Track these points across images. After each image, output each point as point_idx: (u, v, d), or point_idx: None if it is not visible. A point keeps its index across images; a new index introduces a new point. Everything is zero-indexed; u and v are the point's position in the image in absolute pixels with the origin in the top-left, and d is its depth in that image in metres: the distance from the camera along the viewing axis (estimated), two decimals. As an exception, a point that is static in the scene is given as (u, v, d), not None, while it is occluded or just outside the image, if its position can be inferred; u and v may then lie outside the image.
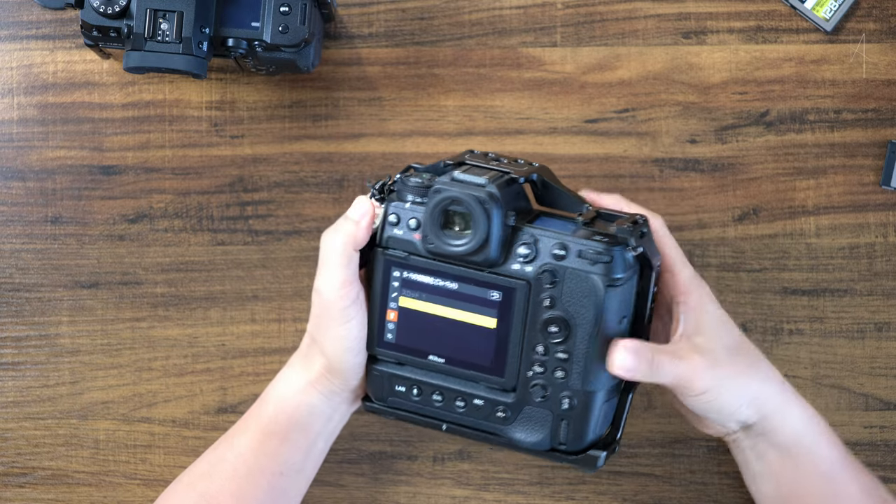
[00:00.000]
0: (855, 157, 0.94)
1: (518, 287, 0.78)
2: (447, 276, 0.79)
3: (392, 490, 0.94)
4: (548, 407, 0.79)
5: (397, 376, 0.82)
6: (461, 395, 0.81)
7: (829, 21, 0.93)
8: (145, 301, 0.95)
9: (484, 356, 0.80)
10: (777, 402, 0.82)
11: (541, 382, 0.79)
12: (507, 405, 0.80)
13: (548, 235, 0.77)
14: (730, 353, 0.81)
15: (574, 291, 0.77)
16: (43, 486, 0.95)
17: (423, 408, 0.82)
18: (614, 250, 0.76)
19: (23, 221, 0.95)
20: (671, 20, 0.94)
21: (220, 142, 0.95)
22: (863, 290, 0.94)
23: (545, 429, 0.80)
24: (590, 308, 0.77)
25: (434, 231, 0.78)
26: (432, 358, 0.81)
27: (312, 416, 0.85)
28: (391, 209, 0.80)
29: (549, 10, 0.95)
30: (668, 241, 0.82)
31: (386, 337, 0.82)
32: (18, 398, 0.95)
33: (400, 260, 0.80)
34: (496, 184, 0.77)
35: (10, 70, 0.95)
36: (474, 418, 0.81)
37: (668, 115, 0.94)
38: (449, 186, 0.77)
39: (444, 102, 0.95)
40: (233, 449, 0.85)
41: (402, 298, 0.81)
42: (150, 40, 0.84)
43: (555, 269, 0.77)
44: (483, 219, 0.77)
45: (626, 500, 0.94)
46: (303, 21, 0.86)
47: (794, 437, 0.82)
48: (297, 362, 0.86)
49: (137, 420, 0.95)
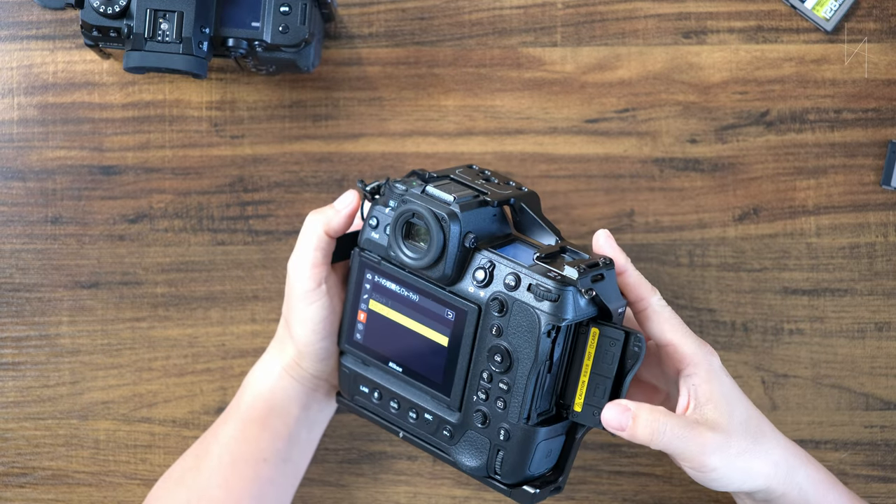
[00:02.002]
0: (855, 157, 0.94)
1: (469, 310, 0.77)
2: (411, 287, 0.80)
3: (392, 490, 0.94)
4: (487, 434, 0.78)
5: (362, 376, 0.83)
6: (414, 407, 0.81)
7: (829, 21, 0.93)
8: (145, 301, 0.95)
9: (435, 373, 0.80)
10: (783, 469, 0.80)
11: (483, 410, 0.78)
12: (452, 425, 0.80)
13: (504, 264, 0.76)
14: (741, 426, 0.79)
15: (519, 324, 0.75)
16: (43, 487, 0.95)
17: (382, 412, 0.83)
18: (565, 290, 0.74)
19: (23, 221, 0.95)
20: (671, 20, 0.94)
21: (220, 142, 0.95)
22: (863, 290, 0.94)
23: (483, 455, 0.79)
24: (531, 343, 0.75)
25: (395, 240, 0.79)
26: (392, 365, 0.82)
27: (288, 402, 0.86)
28: (373, 212, 0.81)
29: (549, 10, 0.95)
30: (667, 314, 0.79)
31: (355, 336, 0.83)
32: (19, 398, 0.95)
33: (373, 263, 0.81)
34: (461, 203, 0.77)
35: (10, 70, 0.95)
36: (424, 432, 0.81)
37: (669, 114, 0.94)
38: (415, 199, 0.78)
39: (444, 102, 0.95)
40: (216, 440, 0.86)
41: (372, 301, 0.81)
42: (151, 40, 0.84)
43: (504, 299, 0.76)
44: (438, 235, 0.76)
45: (626, 500, 0.94)
46: (303, 21, 0.86)
47: (798, 500, 0.81)
48: (272, 349, 0.87)
49: (138, 420, 0.95)
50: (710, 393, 0.78)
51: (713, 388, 0.78)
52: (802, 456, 0.82)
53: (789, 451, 0.81)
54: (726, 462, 0.77)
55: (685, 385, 0.78)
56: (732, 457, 0.77)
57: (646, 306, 0.79)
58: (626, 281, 0.79)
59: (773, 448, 0.80)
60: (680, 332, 0.79)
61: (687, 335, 0.79)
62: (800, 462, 0.81)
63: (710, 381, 0.78)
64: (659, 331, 0.79)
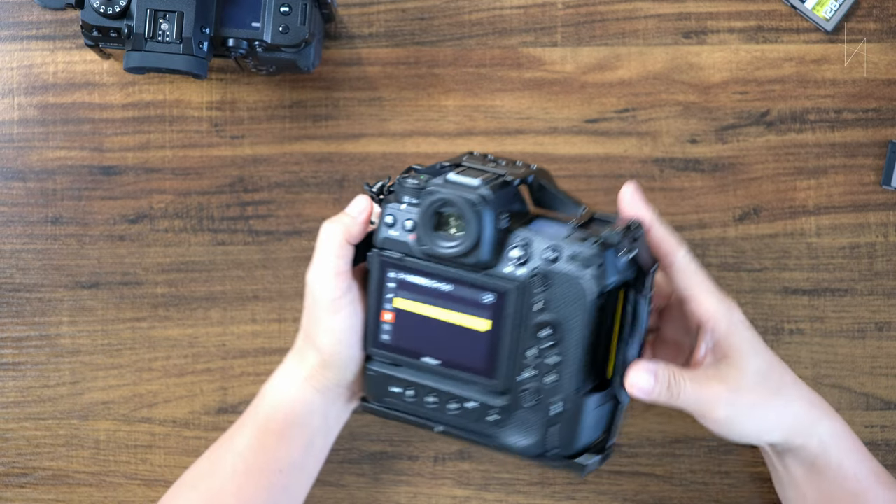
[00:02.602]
0: (855, 157, 0.94)
1: (510, 290, 0.77)
2: (441, 278, 0.79)
3: (392, 490, 0.95)
4: (539, 411, 0.79)
5: (392, 377, 0.82)
6: (454, 398, 0.81)
7: (829, 21, 0.93)
8: (146, 301, 0.95)
9: (477, 359, 0.79)
10: (803, 423, 0.81)
11: (532, 386, 0.78)
12: (499, 409, 0.80)
13: (540, 238, 0.77)
14: (759, 379, 0.79)
15: (565, 295, 0.76)
16: (43, 487, 0.95)
17: (418, 409, 0.82)
18: (605, 254, 0.75)
19: (23, 222, 0.95)
20: (671, 20, 0.94)
21: (220, 142, 0.95)
22: (863, 290, 0.94)
23: (536, 433, 0.79)
24: (580, 312, 0.76)
25: (426, 232, 0.78)
26: (426, 359, 0.81)
27: (309, 413, 0.85)
28: (388, 210, 0.80)
29: (549, 10, 0.95)
30: (692, 270, 0.80)
31: (381, 338, 0.81)
32: (19, 398, 0.95)
33: (395, 261, 0.80)
34: (489, 186, 0.77)
35: (10, 70, 0.95)
36: (467, 421, 0.81)
37: (669, 114, 0.94)
38: (441, 188, 0.77)
39: (444, 102, 0.95)
40: (232, 448, 0.85)
41: (397, 299, 0.81)
42: (151, 40, 0.84)
43: (546, 273, 0.76)
44: (474, 220, 0.76)
45: (626, 500, 0.94)
46: (303, 21, 0.86)
47: (819, 453, 0.82)
48: (291, 359, 0.86)
49: (138, 420, 0.95)
50: (726, 347, 0.79)
51: (730, 342, 0.79)
52: (826, 409, 0.83)
53: (812, 404, 0.82)
54: (736, 414, 0.78)
55: (703, 338, 0.80)
56: (744, 409, 0.78)
57: (672, 261, 0.80)
58: (653, 237, 0.80)
59: (793, 400, 0.81)
60: (703, 287, 0.80)
61: (710, 290, 0.80)
62: (822, 414, 0.82)
63: (727, 335, 0.79)
64: (683, 285, 0.80)
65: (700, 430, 0.92)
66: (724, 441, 0.93)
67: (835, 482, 0.82)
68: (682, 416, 0.93)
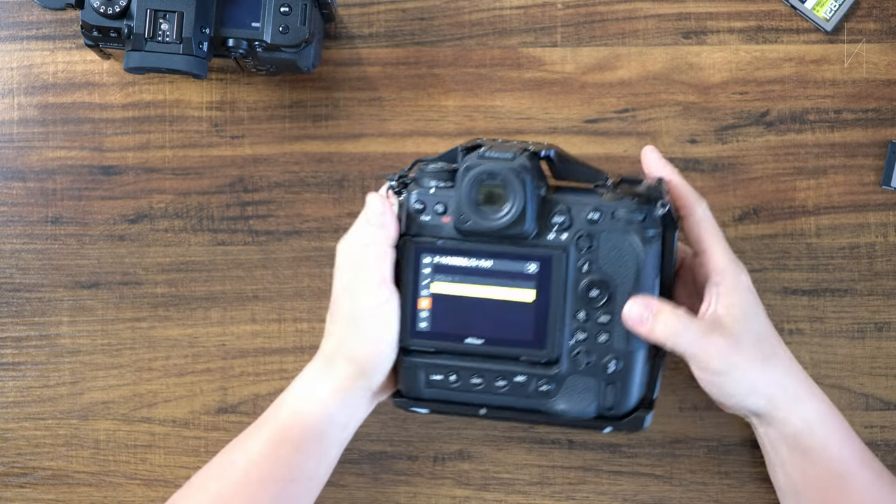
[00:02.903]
0: (855, 157, 0.94)
1: (555, 255, 0.80)
2: (481, 255, 0.80)
3: (392, 490, 0.95)
4: (593, 373, 0.80)
5: (433, 365, 0.82)
6: (502, 374, 0.81)
7: (829, 21, 0.93)
8: (145, 301, 0.95)
9: (524, 331, 0.81)
10: (790, 395, 0.82)
11: (584, 349, 0.80)
12: (549, 377, 0.81)
13: (580, 202, 0.80)
14: (753, 340, 0.81)
15: (611, 253, 0.79)
16: (43, 487, 0.95)
17: (462, 394, 0.82)
18: (646, 208, 0.79)
19: (23, 221, 0.95)
20: (671, 20, 0.94)
21: (220, 142, 0.95)
22: (863, 290, 0.94)
23: (591, 396, 0.81)
24: (629, 266, 0.79)
25: (471, 208, 0.79)
26: (470, 340, 0.81)
27: (329, 426, 0.84)
28: (416, 197, 0.81)
29: (549, 10, 0.95)
30: (709, 224, 0.83)
31: (419, 326, 0.82)
32: (19, 398, 0.95)
33: (430, 245, 0.81)
34: (524, 156, 0.79)
35: (10, 70, 0.95)
36: (517, 396, 0.82)
37: (668, 115, 0.94)
38: (481, 161, 0.79)
39: (444, 102, 0.95)
40: (245, 453, 0.84)
41: (435, 284, 0.81)
42: (151, 41, 0.84)
43: (591, 233, 0.79)
44: (520, 189, 0.78)
45: (626, 500, 0.94)
46: (303, 21, 0.86)
47: (804, 431, 0.82)
48: (316, 367, 0.84)
49: (138, 420, 0.95)
50: (730, 303, 0.80)
51: (734, 299, 0.81)
52: (813, 390, 0.84)
53: (800, 382, 0.83)
54: (729, 369, 0.80)
55: (709, 291, 0.81)
56: (739, 365, 0.80)
57: (693, 212, 0.82)
58: (675, 191, 0.83)
59: (783, 371, 0.82)
60: (716, 243, 0.82)
61: (724, 247, 0.82)
62: (809, 394, 0.83)
63: (732, 292, 0.81)
64: (699, 237, 0.82)
65: (700, 430, 0.92)
66: (723, 440, 0.93)
67: (820, 462, 0.83)
68: (682, 416, 0.93)
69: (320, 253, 0.95)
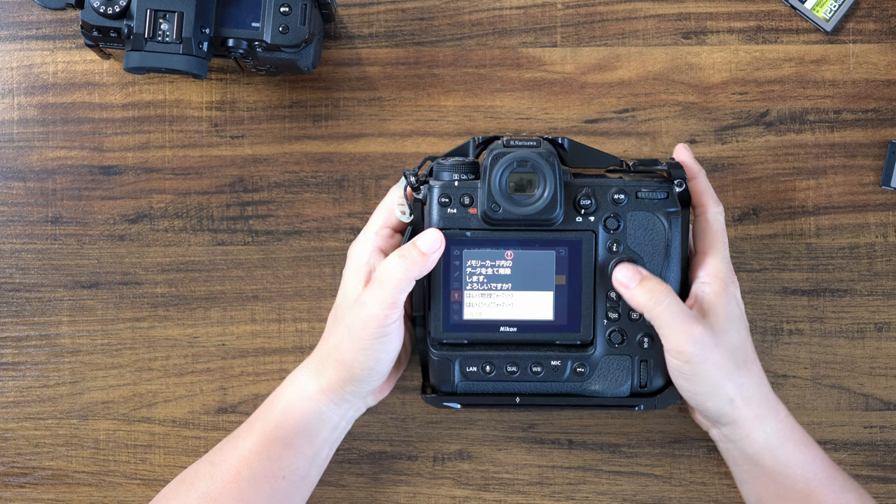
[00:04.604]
0: (855, 157, 0.94)
1: (584, 238, 0.81)
2: (510, 243, 0.82)
3: (392, 490, 0.95)
4: (627, 352, 0.83)
5: (466, 357, 0.83)
6: (536, 360, 0.83)
7: (829, 21, 0.93)
8: (145, 301, 0.95)
9: (558, 315, 0.82)
10: (752, 411, 0.82)
11: (618, 328, 0.82)
12: (584, 359, 0.83)
13: (604, 184, 0.82)
14: (730, 346, 0.81)
15: (638, 231, 0.82)
16: (43, 486, 0.95)
17: (497, 384, 0.84)
18: (666, 186, 0.82)
19: (23, 221, 0.95)
20: (671, 20, 0.94)
21: (220, 142, 0.95)
22: (863, 290, 0.94)
23: (625, 374, 0.83)
24: (657, 242, 0.82)
25: (503, 196, 0.80)
26: (504, 329, 0.83)
27: (319, 424, 0.84)
28: (438, 191, 0.81)
29: (549, 10, 0.95)
30: (718, 228, 0.84)
31: (452, 318, 0.83)
32: (19, 398, 0.95)
33: (460, 237, 0.82)
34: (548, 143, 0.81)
35: (10, 70, 0.95)
36: (552, 381, 0.83)
37: (668, 115, 0.94)
38: (509, 150, 0.80)
39: (444, 102, 0.95)
40: (236, 451, 0.85)
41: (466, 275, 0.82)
42: (151, 40, 0.84)
43: (617, 214, 0.81)
44: (551, 174, 0.80)
45: (626, 500, 0.94)
46: (303, 21, 0.86)
47: (764, 451, 0.83)
48: (309, 368, 0.85)
49: (137, 420, 0.95)
50: (715, 306, 0.82)
51: (719, 303, 0.82)
52: (780, 411, 0.84)
53: (763, 397, 0.83)
54: (702, 359, 0.80)
55: (696, 289, 0.83)
56: (711, 359, 0.80)
57: (704, 213, 0.84)
58: (696, 187, 0.84)
59: (749, 383, 0.82)
60: (719, 250, 0.83)
61: (724, 257, 0.83)
62: (773, 414, 0.83)
63: (719, 297, 0.82)
64: (704, 238, 0.84)
65: (700, 431, 0.92)
66: (723, 441, 0.92)
67: (784, 483, 0.83)
68: (682, 416, 0.93)
69: (320, 253, 0.95)
